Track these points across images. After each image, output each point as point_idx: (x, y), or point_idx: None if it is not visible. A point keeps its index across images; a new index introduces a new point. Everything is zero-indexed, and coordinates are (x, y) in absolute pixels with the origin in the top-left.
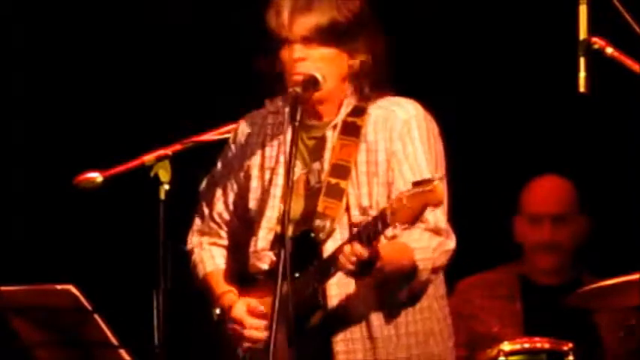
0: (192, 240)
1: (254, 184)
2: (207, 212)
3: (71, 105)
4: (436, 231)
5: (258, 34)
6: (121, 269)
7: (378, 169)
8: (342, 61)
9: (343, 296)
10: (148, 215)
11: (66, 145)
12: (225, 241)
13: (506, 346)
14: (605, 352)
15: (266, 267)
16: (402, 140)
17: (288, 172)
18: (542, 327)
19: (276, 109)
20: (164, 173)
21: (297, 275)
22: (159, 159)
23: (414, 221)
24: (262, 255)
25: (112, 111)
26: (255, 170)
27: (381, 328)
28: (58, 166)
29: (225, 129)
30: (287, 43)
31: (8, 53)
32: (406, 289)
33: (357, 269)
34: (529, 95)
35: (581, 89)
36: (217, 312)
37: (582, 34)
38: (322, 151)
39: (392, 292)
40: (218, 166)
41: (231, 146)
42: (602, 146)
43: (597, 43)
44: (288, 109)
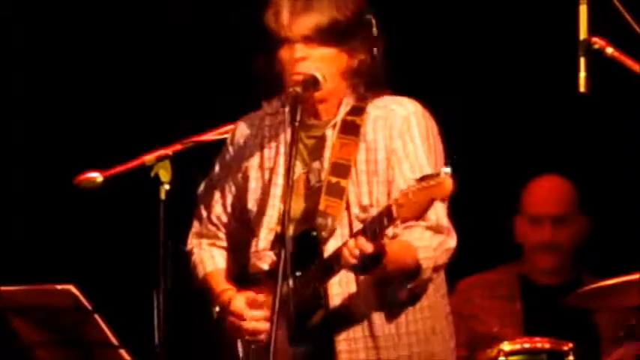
0: (191, 242)
1: (252, 185)
2: (205, 215)
3: (71, 105)
4: (437, 229)
5: (258, 34)
6: (121, 269)
7: (377, 167)
8: (342, 61)
9: (345, 295)
10: (148, 215)
11: (66, 145)
12: (224, 243)
13: (506, 346)
14: (605, 352)
15: (266, 267)
16: (401, 138)
17: (289, 171)
18: (543, 327)
19: (274, 110)
20: (164, 173)
21: (298, 274)
22: (159, 159)
23: (420, 216)
24: (263, 255)
25: (112, 111)
26: (253, 171)
27: (382, 327)
28: (58, 166)
29: (225, 129)
30: (287, 43)
31: (8, 53)
32: (407, 289)
33: (361, 264)
34: (529, 95)
35: (582, 89)
36: (217, 310)
37: (582, 34)
38: (322, 150)
39: (393, 290)
40: (216, 168)
41: (229, 148)
42: (602, 146)
43: (597, 43)
44: (288, 109)
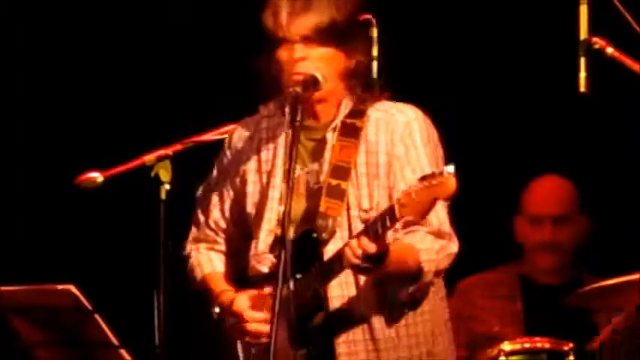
0: (189, 247)
1: (250, 188)
2: (203, 220)
3: (71, 105)
4: (439, 234)
5: (258, 34)
6: (122, 269)
7: (378, 170)
8: (340, 61)
9: (344, 298)
10: (148, 215)
11: (66, 145)
12: (222, 247)
13: (506, 345)
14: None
15: (266, 270)
16: (404, 144)
17: (289, 171)
18: (543, 327)
19: (270, 113)
20: (165, 173)
21: (298, 277)
22: (159, 159)
23: (423, 216)
24: (262, 258)
25: (112, 111)
26: (251, 175)
27: (382, 329)
28: (58, 166)
29: (225, 129)
30: (286, 44)
31: (8, 53)
32: (407, 290)
33: (364, 264)
34: (529, 95)
35: (582, 89)
36: (217, 311)
37: (583, 34)
38: (322, 152)
39: (393, 291)
40: (213, 173)
41: (226, 152)
42: (602, 146)
43: (598, 43)
44: (289, 109)
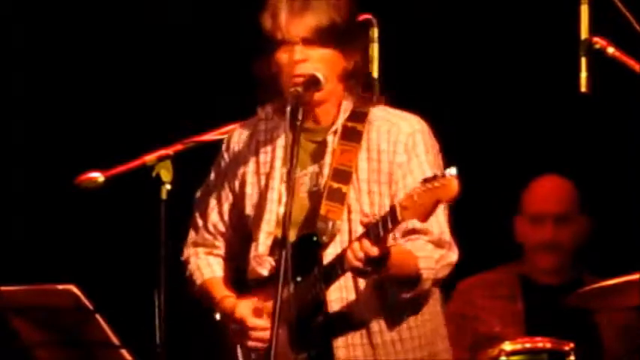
0: (187, 251)
1: (249, 190)
2: (201, 223)
3: (71, 105)
4: (439, 243)
5: (258, 35)
6: (122, 269)
7: (380, 177)
8: (339, 62)
9: (343, 301)
10: (149, 215)
11: (66, 145)
12: (221, 251)
13: (507, 346)
14: (605, 352)
15: (266, 273)
16: (407, 154)
17: (290, 172)
18: (543, 327)
19: (268, 116)
20: (165, 173)
21: (299, 280)
22: (160, 159)
23: (425, 219)
24: (262, 260)
25: (113, 111)
26: (249, 177)
27: (381, 333)
28: (59, 166)
29: (226, 129)
30: (285, 45)
31: (8, 53)
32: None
33: (365, 267)
34: (530, 95)
35: (583, 89)
36: (218, 317)
37: (584, 34)
38: (322, 155)
39: (393, 293)
40: (211, 176)
41: (224, 155)
42: (602, 146)
43: (598, 43)
44: (290, 109)
